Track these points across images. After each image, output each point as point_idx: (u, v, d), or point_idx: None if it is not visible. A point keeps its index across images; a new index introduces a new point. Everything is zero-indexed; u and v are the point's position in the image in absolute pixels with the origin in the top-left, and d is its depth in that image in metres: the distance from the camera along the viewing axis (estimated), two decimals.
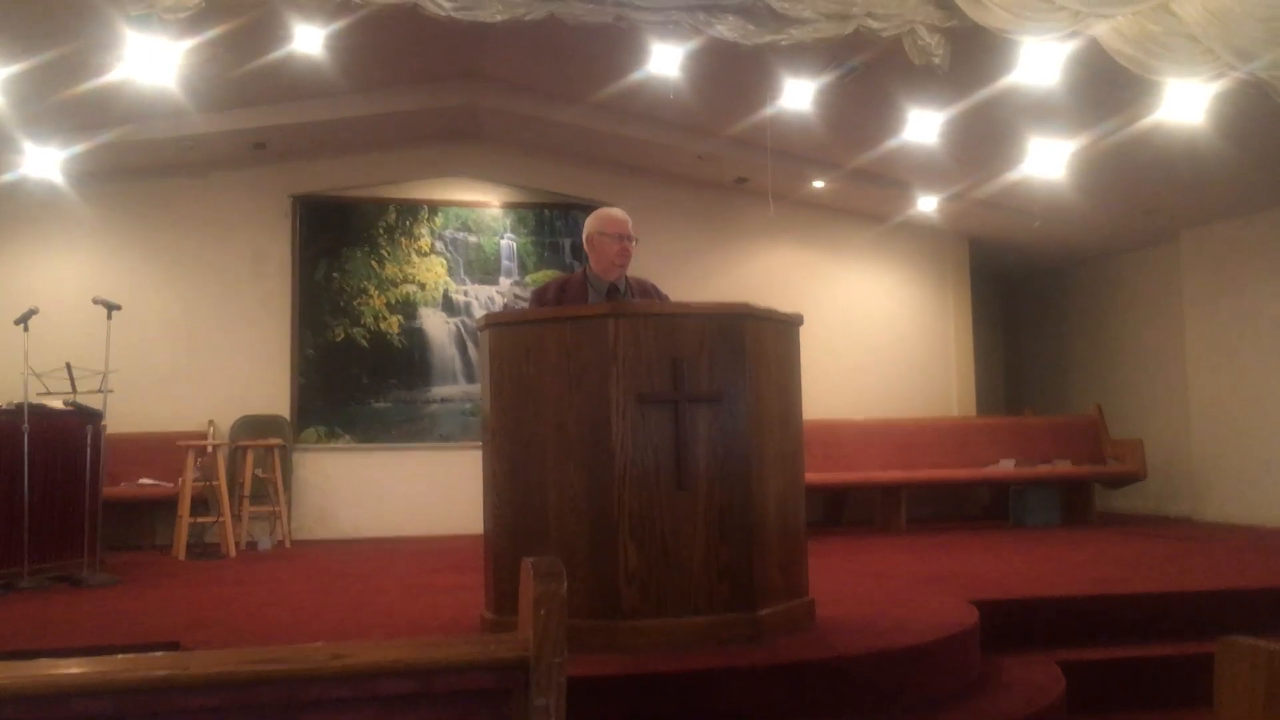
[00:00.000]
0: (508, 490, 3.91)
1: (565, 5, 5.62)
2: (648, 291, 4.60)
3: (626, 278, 4.57)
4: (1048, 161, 8.43)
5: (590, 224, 4.59)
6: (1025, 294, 13.04)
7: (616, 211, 4.62)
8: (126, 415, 8.32)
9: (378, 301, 9.78)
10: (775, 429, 4.00)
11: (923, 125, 8.07)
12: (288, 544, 8.64)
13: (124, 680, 2.08)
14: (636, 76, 7.51)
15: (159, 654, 2.37)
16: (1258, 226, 9.49)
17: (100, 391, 6.71)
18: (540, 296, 4.60)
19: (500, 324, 4.05)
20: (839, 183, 9.84)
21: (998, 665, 4.21)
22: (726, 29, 5.84)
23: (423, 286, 9.89)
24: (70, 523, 6.48)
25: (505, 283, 10.07)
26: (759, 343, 3.93)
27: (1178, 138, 7.40)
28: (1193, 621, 4.83)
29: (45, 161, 8.30)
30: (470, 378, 9.77)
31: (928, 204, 10.11)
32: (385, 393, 9.73)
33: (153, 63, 6.88)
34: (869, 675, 3.58)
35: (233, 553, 7.90)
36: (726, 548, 3.76)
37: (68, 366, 6.68)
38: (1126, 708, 4.35)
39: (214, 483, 7.98)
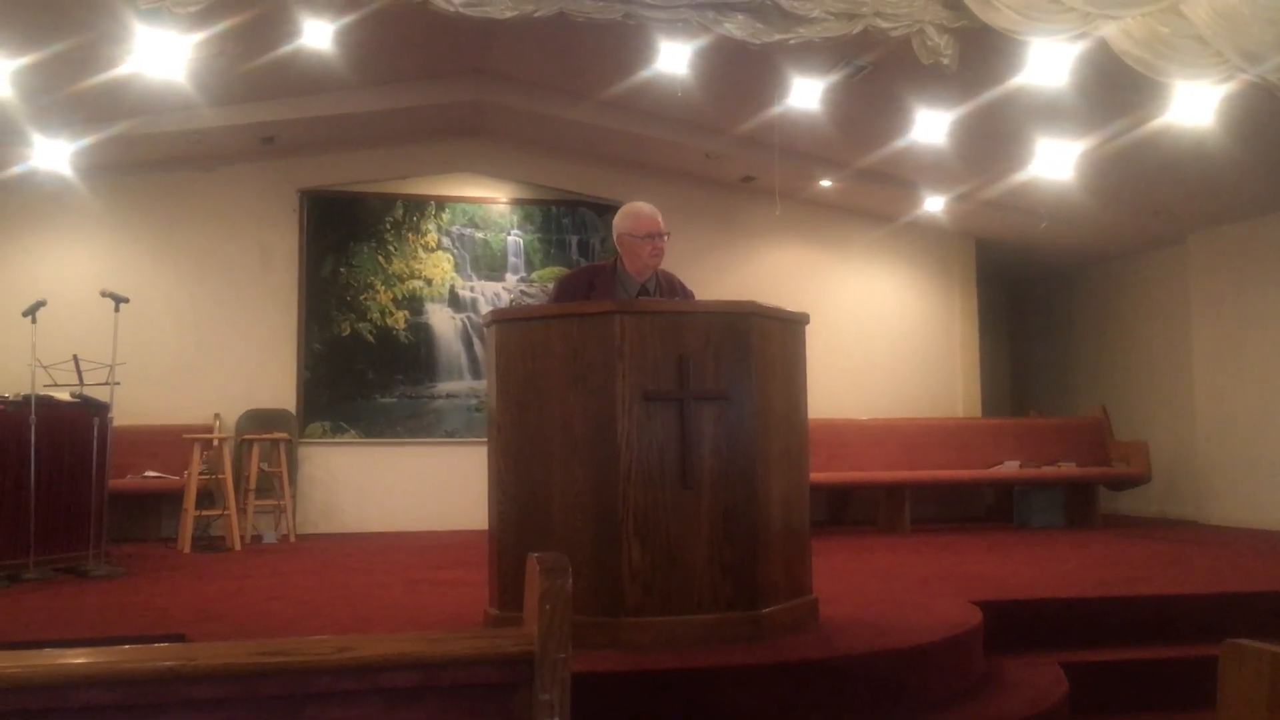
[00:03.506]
0: (513, 486, 3.92)
1: (575, 2, 5.62)
2: (675, 288, 4.51)
3: (656, 275, 4.44)
4: (1055, 163, 8.42)
5: (619, 223, 4.42)
6: (1031, 295, 13.03)
7: (645, 208, 4.42)
8: (133, 408, 8.33)
9: (384, 297, 9.79)
10: (780, 428, 4.00)
11: (930, 125, 8.06)
12: (292, 538, 8.66)
13: (131, 671, 2.09)
14: (645, 74, 7.51)
15: (165, 645, 2.38)
16: (1266, 229, 9.46)
17: (107, 384, 6.72)
18: (567, 287, 4.44)
19: (506, 320, 4.05)
20: (846, 182, 9.84)
21: (1000, 666, 4.22)
22: (735, 27, 5.84)
23: (429, 282, 9.90)
24: (76, 514, 6.49)
25: (512, 279, 10.07)
26: (765, 342, 3.93)
27: (1186, 140, 7.39)
28: (1197, 624, 4.82)
29: (54, 154, 8.32)
30: (476, 374, 9.78)
31: (935, 204, 10.11)
32: (391, 388, 9.74)
33: (162, 56, 6.89)
34: (871, 675, 3.58)
35: (238, 546, 7.92)
36: (730, 546, 3.76)
37: (75, 359, 6.70)
38: (1129, 710, 4.35)
39: (219, 476, 8.00)
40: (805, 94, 7.75)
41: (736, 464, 3.80)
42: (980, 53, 6.23)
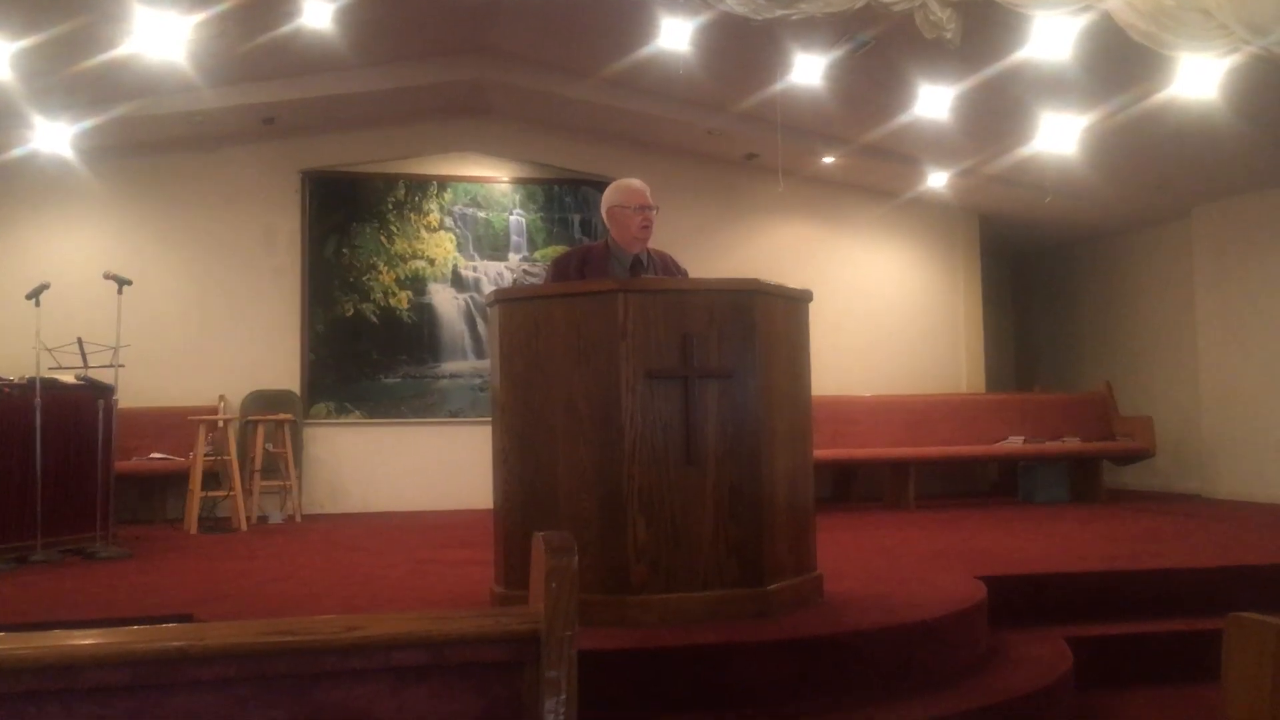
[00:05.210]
0: (517, 465, 3.92)
1: None
2: (669, 266, 4.53)
3: (649, 251, 4.48)
4: (1059, 137, 8.38)
5: (608, 196, 4.48)
6: (1035, 270, 13.00)
7: (634, 181, 4.48)
8: (138, 390, 8.35)
9: (387, 277, 9.79)
10: (784, 405, 4.00)
11: (934, 100, 8.03)
12: (298, 518, 8.69)
13: (139, 651, 2.10)
14: (646, 51, 7.48)
15: (173, 625, 2.38)
16: (1270, 202, 9.43)
17: (112, 366, 6.72)
18: (560, 267, 4.49)
19: (509, 300, 4.05)
20: (849, 158, 9.81)
21: (1005, 641, 4.23)
22: (736, 3, 5.81)
23: (432, 262, 9.89)
24: (82, 496, 6.51)
25: (514, 258, 10.06)
26: (769, 319, 3.92)
27: (1190, 113, 7.35)
28: (1201, 598, 4.83)
29: (55, 136, 8.31)
30: (479, 353, 9.79)
31: (938, 180, 10.07)
32: (395, 368, 9.75)
33: (162, 37, 6.88)
34: (877, 650, 3.59)
35: (244, 527, 7.94)
36: (735, 523, 3.77)
37: (79, 341, 6.70)
38: (1134, 683, 4.37)
39: (225, 457, 8.03)
40: (807, 70, 7.71)
41: (741, 442, 3.80)
42: (983, 27, 6.20)
